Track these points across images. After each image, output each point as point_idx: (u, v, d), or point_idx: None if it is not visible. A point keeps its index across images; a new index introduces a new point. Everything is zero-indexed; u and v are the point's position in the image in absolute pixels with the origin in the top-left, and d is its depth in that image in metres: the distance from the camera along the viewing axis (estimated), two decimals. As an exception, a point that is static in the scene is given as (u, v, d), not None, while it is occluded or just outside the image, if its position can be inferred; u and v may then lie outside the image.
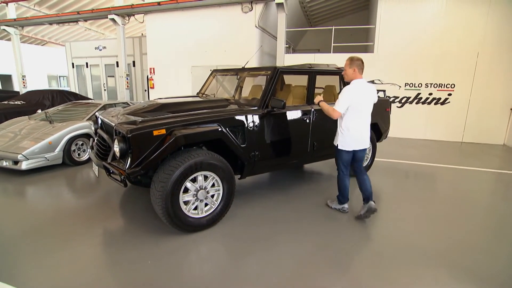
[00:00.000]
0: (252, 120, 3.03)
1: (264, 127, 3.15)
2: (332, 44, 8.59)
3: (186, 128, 2.55)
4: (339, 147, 2.98)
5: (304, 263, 2.32)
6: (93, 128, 3.40)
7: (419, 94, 7.81)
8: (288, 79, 4.86)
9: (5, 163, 4.20)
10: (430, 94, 7.71)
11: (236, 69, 4.02)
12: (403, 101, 7.98)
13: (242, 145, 2.96)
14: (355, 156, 3.02)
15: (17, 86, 12.95)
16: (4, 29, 12.10)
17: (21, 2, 12.06)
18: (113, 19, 9.79)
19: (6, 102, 7.53)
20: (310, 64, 3.79)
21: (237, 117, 2.93)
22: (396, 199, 3.71)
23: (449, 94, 7.56)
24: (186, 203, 2.63)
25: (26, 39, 18.35)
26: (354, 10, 12.98)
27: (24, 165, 4.15)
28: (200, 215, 2.70)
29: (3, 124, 5.15)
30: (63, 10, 12.25)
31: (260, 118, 3.09)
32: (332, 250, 2.53)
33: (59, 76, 19.40)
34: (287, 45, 9.45)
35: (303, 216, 3.14)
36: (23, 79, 12.72)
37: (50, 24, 11.73)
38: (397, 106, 7.97)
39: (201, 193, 2.64)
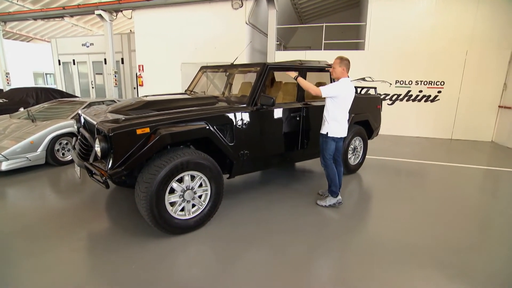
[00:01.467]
0: (241, 117, 2.94)
1: (253, 125, 3.07)
2: (323, 41, 8.55)
3: (171, 126, 2.45)
4: (329, 135, 3.11)
5: (295, 265, 2.26)
6: (75, 127, 3.26)
7: (409, 91, 7.84)
8: (279, 76, 4.80)
9: (-16, 164, 4.02)
10: (420, 91, 7.75)
11: (225, 65, 3.93)
12: (393, 98, 8.00)
13: (230, 144, 2.88)
14: (337, 145, 3.22)
15: (1, 84, 12.54)
16: (-14, 25, 11.71)
17: (3, -4, 11.68)
18: (100, 15, 9.55)
19: (-13, 100, 7.26)
20: (300, 60, 3.73)
21: (225, 115, 2.85)
22: (388, 197, 3.69)
23: (439, 92, 7.61)
24: (172, 204, 2.53)
25: (10, 35, 17.82)
26: (345, 8, 12.98)
27: (3, 166, 3.98)
28: (187, 217, 2.61)
29: (-18, 123, 4.94)
30: (48, 6, 11.87)
31: (249, 115, 3.01)
32: (322, 249, 2.48)
33: (46, 74, 18.89)
34: (278, 42, 9.37)
35: (295, 216, 3.08)
36: (6, 77, 12.33)
37: (35, 19, 11.37)
38: (387, 104, 7.99)
39: (188, 194, 2.55)
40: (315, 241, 2.61)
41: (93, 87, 12.54)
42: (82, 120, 3.11)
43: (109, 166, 2.21)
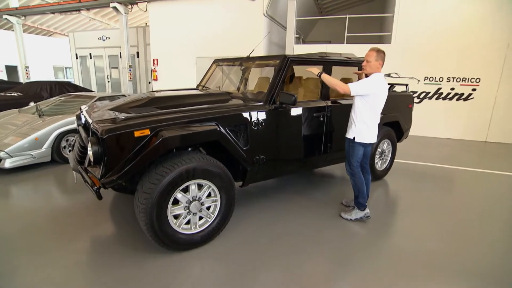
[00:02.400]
0: (257, 117, 2.57)
1: (271, 126, 2.69)
2: (346, 34, 8.00)
3: (175, 127, 2.12)
4: (356, 140, 2.70)
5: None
6: (76, 125, 2.99)
7: (439, 88, 7.20)
8: (299, 71, 4.39)
9: (-12, 161, 3.85)
10: (452, 89, 7.10)
11: (240, 58, 3.56)
12: (421, 96, 7.39)
13: (244, 148, 2.52)
14: (366, 150, 2.83)
15: (21, 78, 12.70)
16: (6, 19, 11.83)
17: (23, -10, 11.76)
18: (115, 8, 9.37)
19: (3, 94, 7.22)
20: (324, 53, 3.30)
21: (239, 115, 2.48)
22: (413, 207, 3.24)
23: (473, 89, 6.93)
24: (176, 216, 2.21)
25: (32, 29, 18.16)
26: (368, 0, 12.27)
27: (7, 163, 3.80)
28: (193, 231, 2.29)
29: (-9, 117, 4.81)
30: (66, -1, 11.87)
31: (266, 115, 2.64)
32: (346, 271, 2.09)
33: (65, 68, 19.15)
34: (297, 36, 8.89)
35: (314, 229, 2.70)
36: (26, 70, 12.47)
37: (53, 13, 11.37)
38: (415, 102, 7.38)
39: (194, 206, 2.22)
40: (337, 260, 2.23)
41: (108, 81, 12.49)
42: (83, 118, 2.83)
43: (101, 174, 1.90)
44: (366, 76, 2.73)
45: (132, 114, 2.23)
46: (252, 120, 2.54)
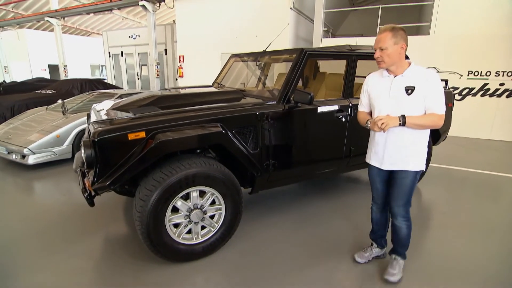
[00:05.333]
0: (268, 118, 2.33)
1: (284, 128, 2.43)
2: (378, 26, 7.42)
3: (175, 129, 1.94)
4: (423, 170, 1.90)
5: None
6: (87, 124, 2.94)
7: (486, 84, 6.42)
8: (325, 66, 4.05)
9: (14, 157, 3.99)
10: (502, 84, 6.29)
11: (256, 53, 3.32)
12: (464, 93, 6.64)
13: (253, 151, 2.28)
14: None
15: (62, 76, 13.48)
16: (47, 20, 12.55)
17: (62, -7, 12.41)
18: (143, 6, 9.51)
19: (38, 91, 7.61)
20: (350, 45, 2.96)
21: (247, 115, 2.25)
22: (451, 222, 2.80)
23: (528, 85, 6.10)
24: (176, 225, 2.05)
25: (72, 30, 19.28)
26: (406, -12, 11.36)
27: (31, 160, 3.90)
28: (195, 241, 2.11)
29: (22, 115, 5.02)
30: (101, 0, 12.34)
31: (279, 116, 2.38)
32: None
33: (101, 66, 20.09)
34: (325, 29, 8.42)
35: (331, 243, 2.41)
36: (64, 69, 13.18)
37: (87, 13, 11.86)
38: (456, 99, 6.66)
39: (195, 214, 2.03)
40: (363, 281, 1.94)
41: (138, 78, 12.83)
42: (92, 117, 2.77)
43: (94, 178, 1.77)
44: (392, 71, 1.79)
45: (131, 114, 2.09)
46: (262, 121, 2.30)
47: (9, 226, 2.68)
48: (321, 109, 2.61)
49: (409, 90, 1.73)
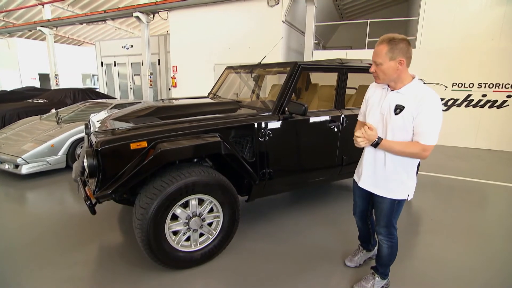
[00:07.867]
0: (264, 128, 2.42)
1: (279, 138, 2.53)
2: (367, 39, 7.70)
3: (175, 139, 2.01)
4: (409, 198, 1.78)
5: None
6: (85, 133, 2.97)
7: (469, 95, 6.71)
8: (316, 78, 4.21)
9: (7, 166, 3.97)
10: (484, 95, 6.59)
11: (251, 65, 3.44)
12: (449, 103, 6.92)
13: (250, 161, 2.37)
14: None
15: (53, 85, 13.38)
16: (40, 30, 12.53)
17: (56, 3, 12.43)
18: (137, 17, 9.64)
19: (30, 101, 7.56)
20: (340, 59, 3.11)
21: (244, 125, 2.34)
22: (438, 227, 2.92)
23: (508, 96, 6.39)
24: (175, 233, 2.10)
25: (64, 39, 19.21)
26: (392, 3, 11.84)
27: (24, 169, 3.89)
28: (193, 248, 2.16)
29: (14, 124, 5.00)
30: (95, 10, 12.42)
31: (274, 126, 2.48)
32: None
33: (93, 75, 20.01)
34: (316, 41, 8.69)
35: (326, 249, 2.49)
36: (56, 78, 13.11)
37: (81, 23, 11.93)
38: (442, 110, 6.91)
39: (194, 222, 2.09)
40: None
41: (131, 88, 12.85)
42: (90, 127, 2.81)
43: (96, 187, 1.82)
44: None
45: (131, 124, 2.16)
46: (259, 131, 2.39)
47: (3, 235, 2.67)
48: (314, 119, 2.73)
49: (398, 109, 1.56)
